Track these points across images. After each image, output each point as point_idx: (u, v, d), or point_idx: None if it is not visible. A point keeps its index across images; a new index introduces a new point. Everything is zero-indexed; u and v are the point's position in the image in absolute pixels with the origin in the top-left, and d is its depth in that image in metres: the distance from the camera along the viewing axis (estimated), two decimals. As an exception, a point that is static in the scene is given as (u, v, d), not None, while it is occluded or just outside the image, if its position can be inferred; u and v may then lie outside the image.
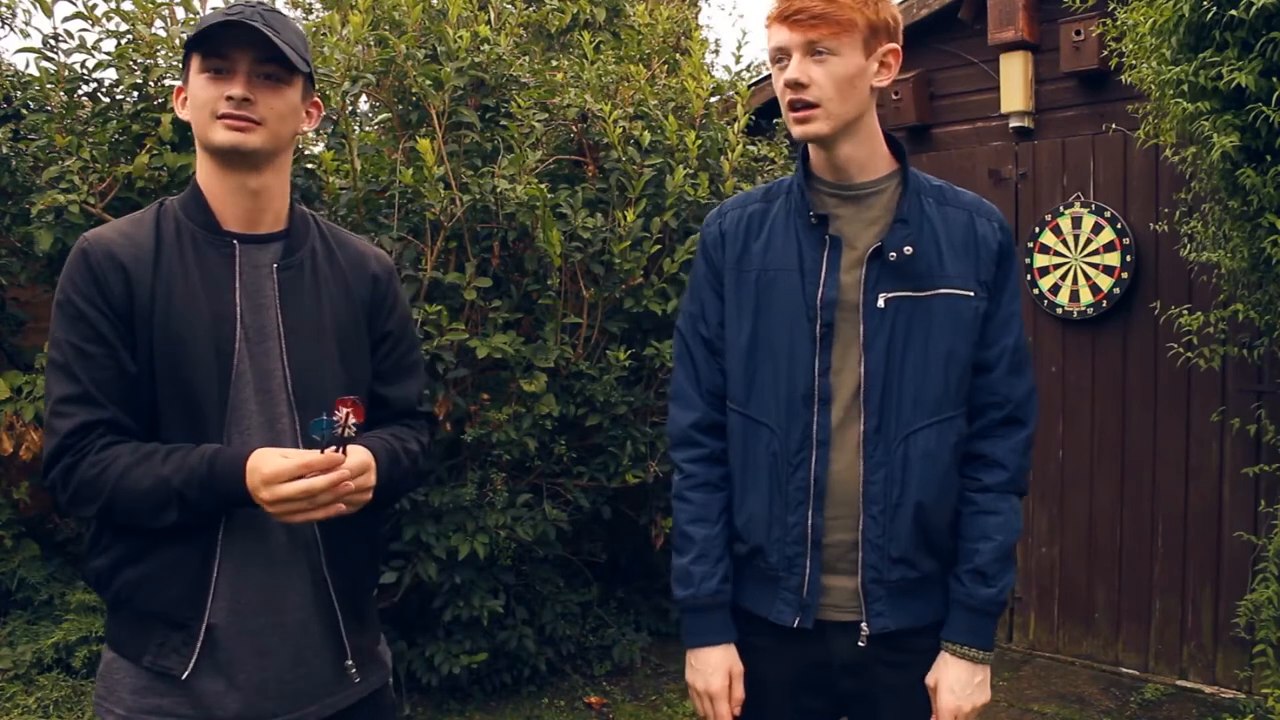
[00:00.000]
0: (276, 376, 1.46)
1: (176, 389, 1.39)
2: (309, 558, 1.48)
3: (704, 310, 1.65)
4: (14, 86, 3.57)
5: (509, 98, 3.69)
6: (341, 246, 1.59)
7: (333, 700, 1.52)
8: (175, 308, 1.40)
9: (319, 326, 1.50)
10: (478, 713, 3.70)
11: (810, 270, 1.55)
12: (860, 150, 1.56)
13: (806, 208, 1.57)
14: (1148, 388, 4.00)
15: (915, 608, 1.57)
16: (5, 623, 3.51)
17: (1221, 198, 3.13)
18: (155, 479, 1.34)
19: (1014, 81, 4.21)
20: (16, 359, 3.79)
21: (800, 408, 1.54)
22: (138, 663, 1.42)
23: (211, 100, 1.41)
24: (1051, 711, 3.75)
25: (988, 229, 1.58)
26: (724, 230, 1.65)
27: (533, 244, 3.55)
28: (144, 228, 1.45)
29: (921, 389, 1.53)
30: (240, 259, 1.46)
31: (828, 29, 1.46)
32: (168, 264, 1.42)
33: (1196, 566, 3.90)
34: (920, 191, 1.59)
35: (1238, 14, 2.62)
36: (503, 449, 3.51)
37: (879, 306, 1.53)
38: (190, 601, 1.40)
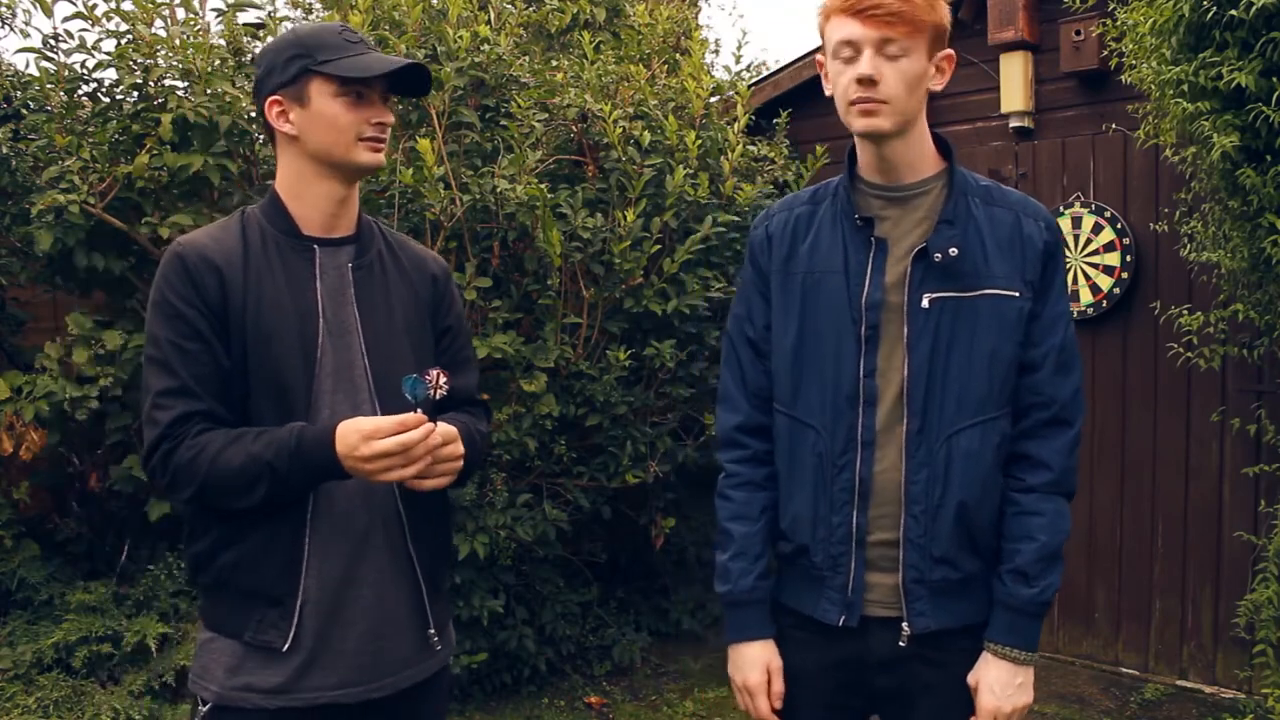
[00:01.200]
0: (358, 367, 1.57)
1: (267, 380, 1.50)
2: (390, 534, 1.57)
3: (750, 313, 1.67)
4: (14, 86, 3.58)
5: (509, 98, 3.69)
6: (403, 249, 1.71)
7: (412, 672, 1.61)
8: (265, 305, 1.51)
9: (391, 321, 1.62)
10: (478, 713, 3.70)
11: (855, 272, 1.56)
12: (911, 150, 1.57)
13: (852, 210, 1.58)
14: (1148, 388, 4.00)
15: (957, 608, 1.57)
16: (5, 623, 3.51)
17: (1221, 198, 3.13)
18: (247, 456, 1.43)
19: (1014, 81, 4.21)
20: (16, 359, 3.79)
21: (845, 409, 1.56)
22: (239, 639, 1.51)
23: (356, 124, 1.54)
24: (1051, 711, 3.75)
25: (1034, 229, 1.57)
26: (770, 233, 1.66)
27: (533, 244, 3.55)
28: (231, 233, 1.56)
29: (965, 389, 1.53)
30: (320, 260, 1.58)
31: (904, 28, 1.46)
32: (256, 266, 1.53)
33: (1196, 566, 3.90)
34: (967, 192, 1.59)
35: (1238, 14, 2.62)
36: (503, 449, 3.51)
37: (923, 307, 1.53)
38: (285, 578, 1.50)
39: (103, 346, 3.35)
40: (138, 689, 3.31)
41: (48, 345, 3.42)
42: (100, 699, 3.25)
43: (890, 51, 1.47)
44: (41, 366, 3.38)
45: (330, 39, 1.55)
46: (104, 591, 3.54)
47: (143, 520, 3.54)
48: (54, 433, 3.42)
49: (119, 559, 3.77)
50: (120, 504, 3.80)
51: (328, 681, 1.52)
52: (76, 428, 3.55)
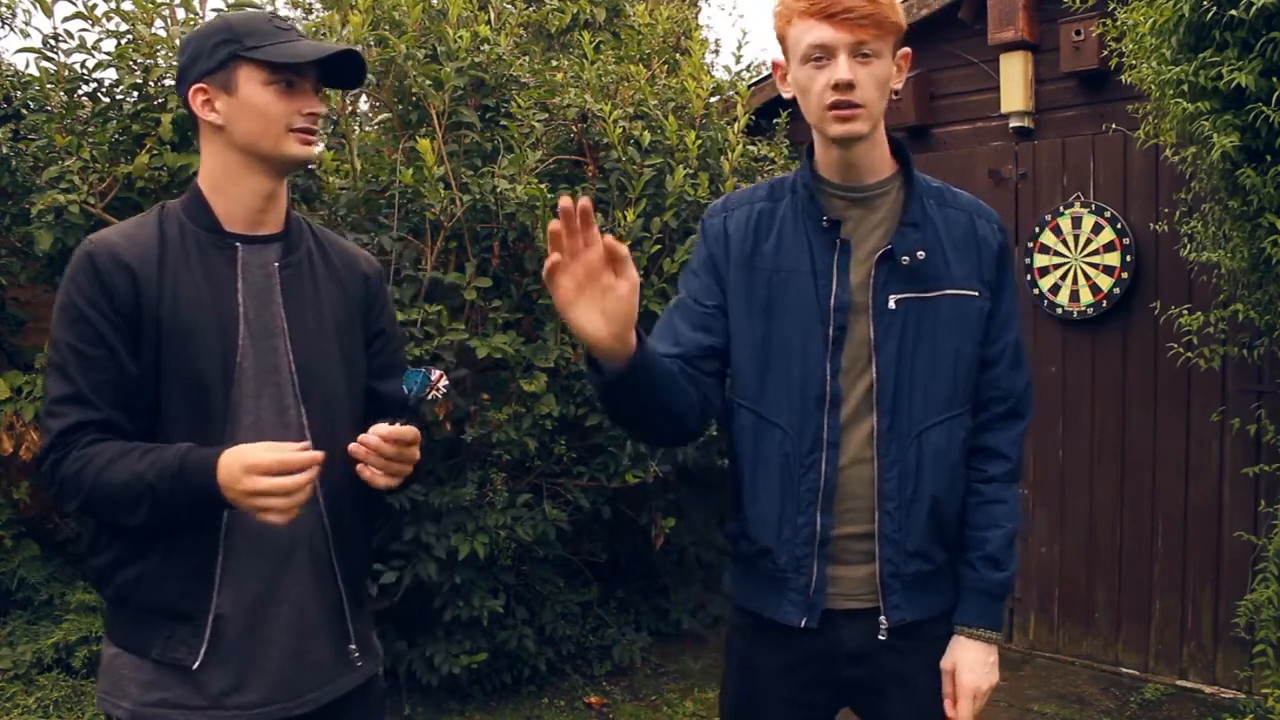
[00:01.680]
0: (282, 370, 1.50)
1: (181, 385, 1.43)
2: (314, 545, 1.52)
3: (697, 292, 1.64)
4: (14, 86, 3.57)
5: (509, 98, 3.69)
6: (333, 247, 1.64)
7: (333, 686, 1.55)
8: (181, 305, 1.44)
9: (320, 322, 1.55)
10: (478, 713, 3.70)
11: (822, 273, 1.57)
12: (874, 152, 1.59)
13: (818, 211, 1.58)
14: (1148, 388, 4.00)
15: (928, 599, 1.61)
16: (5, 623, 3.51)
17: (1221, 198, 3.13)
18: (131, 474, 1.37)
19: (1014, 81, 4.21)
20: (16, 359, 3.79)
21: (813, 409, 1.56)
22: (146, 656, 1.44)
23: (286, 114, 1.47)
24: (1051, 711, 3.75)
25: (988, 230, 1.63)
26: (729, 228, 1.64)
27: (533, 244, 3.55)
28: (147, 230, 1.48)
29: (932, 388, 1.57)
30: (243, 259, 1.51)
31: (876, 30, 1.47)
32: (173, 265, 1.46)
33: (1196, 566, 3.90)
34: (923, 194, 1.61)
35: (1238, 14, 2.62)
36: (503, 449, 3.51)
37: (890, 308, 1.55)
38: (194, 594, 1.43)
39: (103, 346, 3.35)
40: (138, 689, 3.31)
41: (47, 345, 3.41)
42: (100, 699, 3.25)
43: (863, 54, 1.48)
44: (41, 366, 3.38)
45: (260, 25, 1.49)
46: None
47: (143, 520, 3.53)
48: (54, 433, 3.42)
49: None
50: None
51: (248, 699, 1.46)
52: (76, 428, 3.55)
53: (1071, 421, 4.20)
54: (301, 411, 1.50)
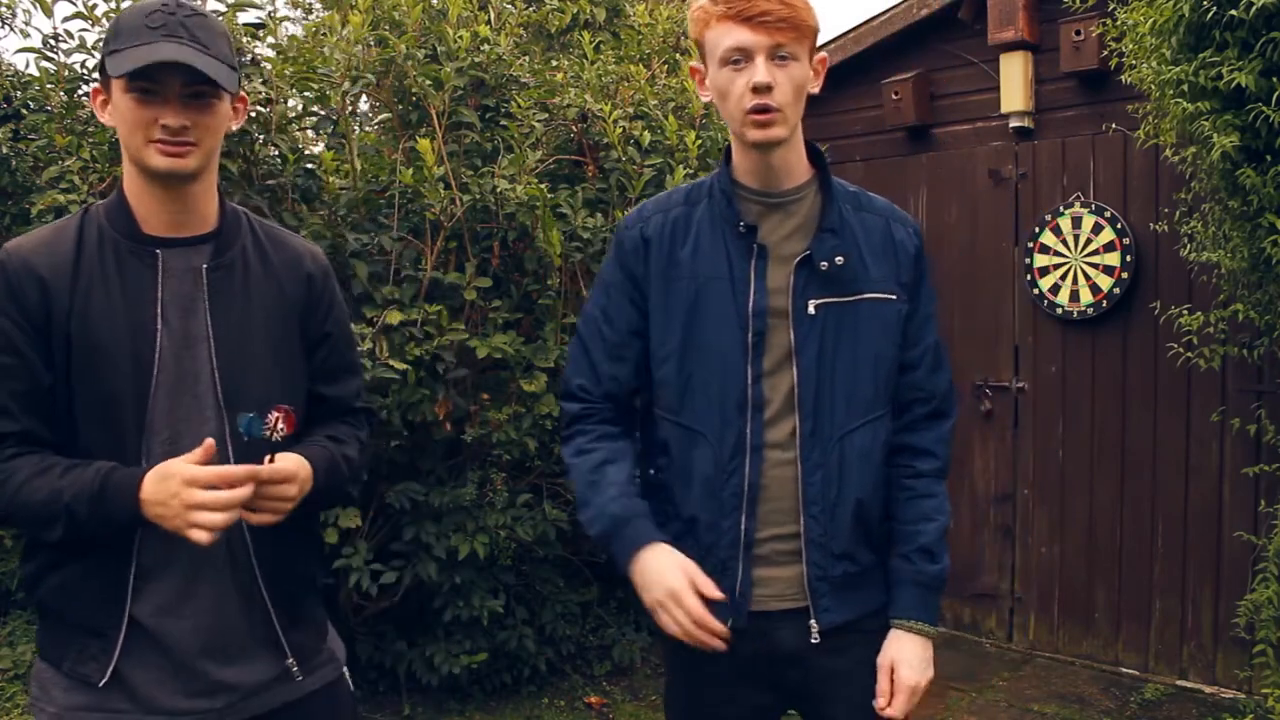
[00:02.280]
0: (204, 379, 1.44)
1: (93, 398, 1.39)
2: (235, 556, 1.47)
3: (609, 314, 1.64)
4: (14, 86, 3.58)
5: (509, 98, 3.69)
6: (275, 245, 1.57)
7: (269, 696, 1.52)
8: (92, 317, 1.39)
9: (249, 327, 1.49)
10: (478, 713, 3.70)
11: (740, 279, 1.56)
12: (791, 156, 1.58)
13: (735, 216, 1.58)
14: (1148, 388, 4.00)
15: (857, 599, 1.62)
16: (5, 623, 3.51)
17: (1221, 198, 3.13)
18: (49, 492, 1.34)
19: (1014, 81, 4.21)
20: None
21: (734, 415, 1.56)
22: (59, 669, 1.44)
23: (143, 124, 1.38)
24: (1051, 711, 3.75)
25: (904, 234, 1.65)
26: (647, 236, 1.62)
27: (533, 244, 3.55)
28: (65, 236, 1.43)
29: (853, 391, 1.58)
30: (164, 265, 1.44)
31: (793, 33, 1.47)
32: (86, 273, 1.41)
33: (1196, 566, 3.90)
34: (841, 199, 1.62)
35: (1238, 14, 2.62)
36: (503, 449, 3.51)
37: (809, 313, 1.56)
38: (106, 609, 1.41)
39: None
40: (138, 689, 3.31)
41: None
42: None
43: (780, 57, 1.48)
44: None
45: (129, 23, 1.38)
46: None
47: (142, 520, 3.53)
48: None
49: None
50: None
51: (166, 706, 1.43)
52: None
53: (1071, 421, 4.20)
54: (225, 421, 1.44)
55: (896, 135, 4.64)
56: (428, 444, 3.52)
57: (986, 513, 4.47)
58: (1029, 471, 4.33)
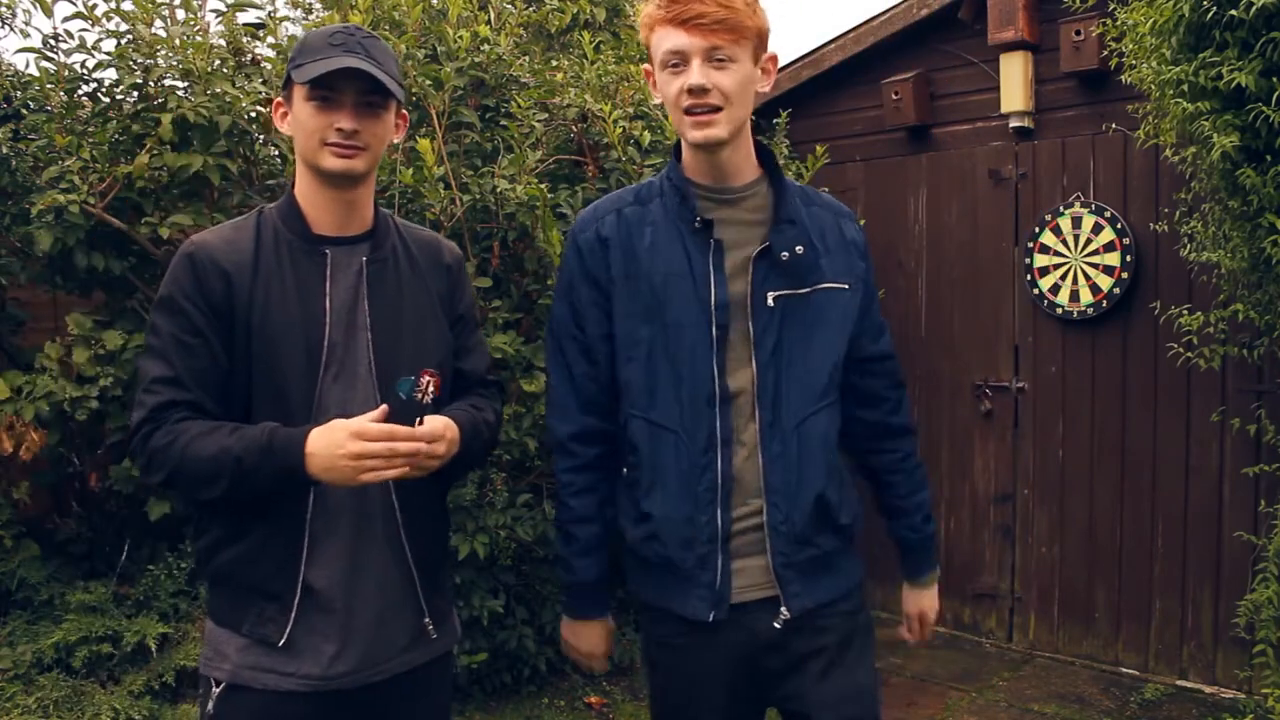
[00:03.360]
0: (364, 363, 1.60)
1: (268, 384, 1.54)
2: (386, 525, 1.61)
3: (579, 319, 1.67)
4: (14, 86, 3.57)
5: (509, 98, 3.69)
6: (415, 241, 1.74)
7: (409, 657, 1.65)
8: (271, 310, 1.55)
9: (401, 314, 1.64)
10: (478, 713, 3.70)
11: (700, 274, 1.59)
12: (739, 154, 1.62)
13: (691, 213, 1.60)
14: (1148, 388, 4.00)
15: (825, 582, 1.68)
16: (5, 623, 3.51)
17: (1221, 198, 3.13)
18: (218, 448, 1.47)
19: (1014, 81, 4.21)
20: (16, 359, 3.79)
21: (704, 409, 1.60)
22: (238, 631, 1.57)
23: (320, 129, 1.55)
24: (1051, 711, 3.75)
25: (853, 230, 1.74)
26: (604, 236, 1.65)
27: (533, 244, 3.55)
28: (245, 234, 1.60)
29: (809, 379, 1.63)
30: (332, 263, 1.61)
31: (729, 35, 1.50)
32: (265, 270, 1.57)
33: (1196, 566, 3.90)
34: (793, 193, 1.67)
35: (1238, 14, 2.62)
36: (503, 449, 3.51)
37: (768, 305, 1.60)
38: (283, 575, 1.55)
39: (102, 346, 3.35)
40: (138, 689, 3.31)
41: (48, 345, 3.41)
42: (100, 699, 3.25)
43: (717, 59, 1.51)
44: (41, 366, 3.38)
45: (315, 42, 1.56)
46: (104, 591, 3.54)
47: (142, 520, 3.53)
48: (54, 433, 3.42)
49: (119, 559, 3.77)
50: (120, 504, 3.80)
51: (337, 668, 1.57)
52: (76, 428, 3.55)
53: (1071, 421, 4.20)
54: (378, 399, 1.56)
55: (896, 135, 4.64)
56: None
57: (986, 513, 4.47)
58: (1029, 471, 4.33)
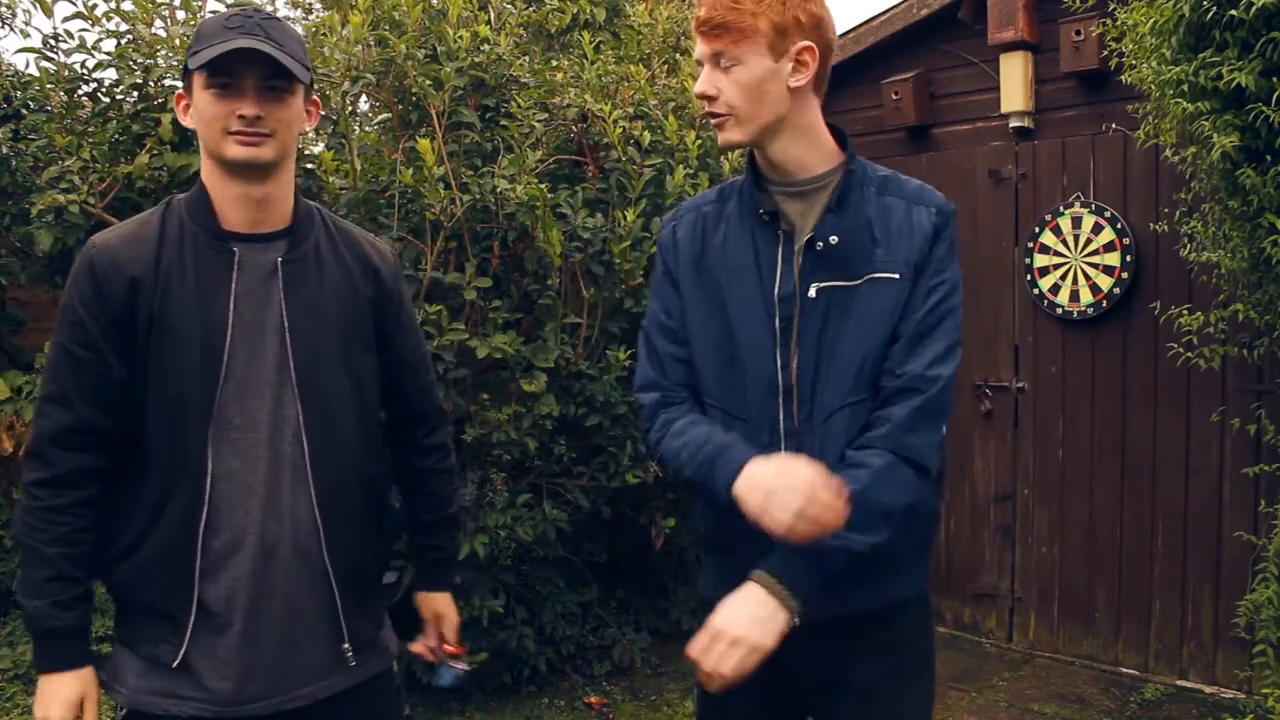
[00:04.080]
0: (280, 370, 1.51)
1: (164, 390, 1.46)
2: (303, 543, 1.52)
3: (666, 306, 1.68)
4: (14, 86, 3.57)
5: (509, 98, 3.69)
6: (345, 239, 1.64)
7: (327, 683, 1.57)
8: (169, 312, 1.46)
9: (323, 318, 1.55)
10: (478, 713, 3.70)
11: (766, 266, 1.58)
12: (795, 148, 1.56)
13: (756, 204, 1.60)
14: (1148, 388, 4.00)
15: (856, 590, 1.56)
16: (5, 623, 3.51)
17: (1221, 198, 3.13)
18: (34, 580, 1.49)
19: (1014, 81, 4.21)
20: (17, 359, 3.79)
21: (767, 399, 1.58)
22: (135, 651, 1.51)
23: (221, 117, 1.45)
24: (1051, 711, 3.75)
25: (924, 217, 1.58)
26: (678, 235, 1.67)
27: (533, 244, 3.54)
28: (149, 230, 1.50)
29: (842, 374, 1.56)
30: (240, 261, 1.51)
31: (729, 38, 1.47)
32: (166, 268, 1.47)
33: (1196, 566, 3.90)
34: (864, 182, 1.60)
35: (1238, 14, 2.62)
36: (503, 449, 3.51)
37: (810, 296, 1.56)
38: (175, 594, 1.47)
39: (103, 346, 3.35)
40: (138, 689, 3.31)
41: (48, 345, 3.41)
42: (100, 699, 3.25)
43: (723, 64, 1.49)
44: (41, 366, 3.38)
45: (210, 27, 1.47)
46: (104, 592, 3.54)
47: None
48: (54, 433, 3.42)
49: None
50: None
51: (242, 693, 1.49)
52: (76, 428, 3.55)
53: (1071, 421, 4.20)
54: (299, 410, 1.51)
55: (896, 135, 4.64)
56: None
57: (986, 513, 4.47)
58: (1029, 471, 4.33)
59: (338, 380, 1.55)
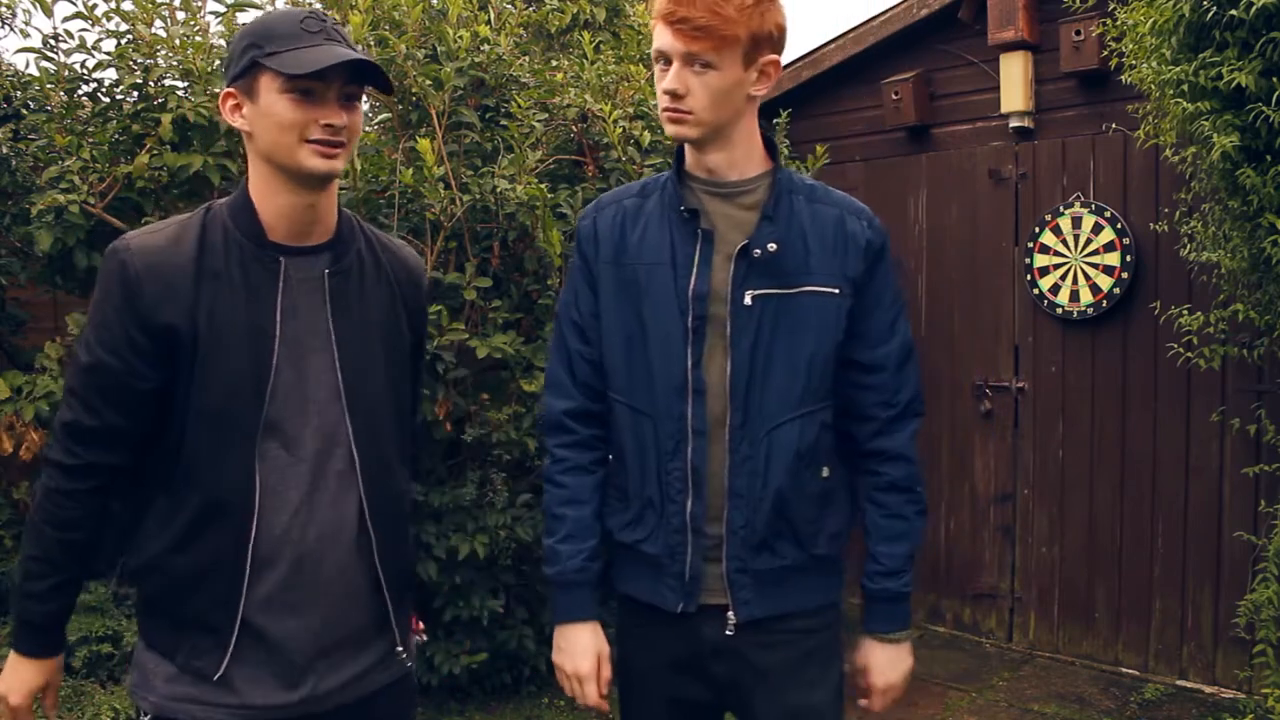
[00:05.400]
0: (328, 384, 1.48)
1: (209, 403, 1.41)
2: (356, 552, 1.51)
3: (577, 299, 1.69)
4: (14, 86, 3.57)
5: (509, 98, 3.69)
6: (385, 249, 1.62)
7: (377, 677, 1.57)
8: (214, 323, 1.41)
9: (368, 328, 1.53)
10: (478, 713, 3.70)
11: (682, 264, 1.59)
12: (733, 153, 1.59)
13: (678, 202, 1.60)
14: (1148, 388, 4.00)
15: (780, 594, 1.62)
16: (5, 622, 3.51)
17: (1221, 198, 3.13)
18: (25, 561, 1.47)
19: (1014, 81, 4.21)
20: (16, 359, 3.79)
21: (675, 399, 1.59)
22: (171, 660, 1.46)
23: (301, 124, 1.39)
24: (1051, 711, 3.75)
25: (857, 226, 1.62)
26: (598, 227, 1.68)
27: (533, 244, 3.55)
28: (188, 235, 1.44)
29: (786, 385, 1.58)
30: (287, 272, 1.47)
31: (710, 43, 1.47)
32: (209, 276, 1.42)
33: (1196, 566, 3.90)
34: (791, 190, 1.62)
35: (1238, 14, 2.61)
36: (503, 449, 3.51)
37: (746, 304, 1.56)
38: (223, 606, 1.43)
39: (103, 346, 3.35)
40: (138, 689, 3.31)
41: (48, 345, 3.41)
42: (100, 699, 3.25)
43: (697, 66, 1.49)
44: (41, 366, 3.38)
45: (283, 28, 1.41)
46: (104, 591, 3.54)
47: (142, 520, 3.54)
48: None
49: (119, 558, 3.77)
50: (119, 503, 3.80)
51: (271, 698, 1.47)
52: (76, 428, 3.55)
53: (1071, 421, 4.20)
54: (348, 424, 1.48)
55: (896, 135, 4.64)
56: (428, 444, 3.52)
57: (986, 513, 4.47)
58: (1029, 471, 4.33)
59: (383, 391, 1.53)
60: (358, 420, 1.49)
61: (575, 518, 1.66)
